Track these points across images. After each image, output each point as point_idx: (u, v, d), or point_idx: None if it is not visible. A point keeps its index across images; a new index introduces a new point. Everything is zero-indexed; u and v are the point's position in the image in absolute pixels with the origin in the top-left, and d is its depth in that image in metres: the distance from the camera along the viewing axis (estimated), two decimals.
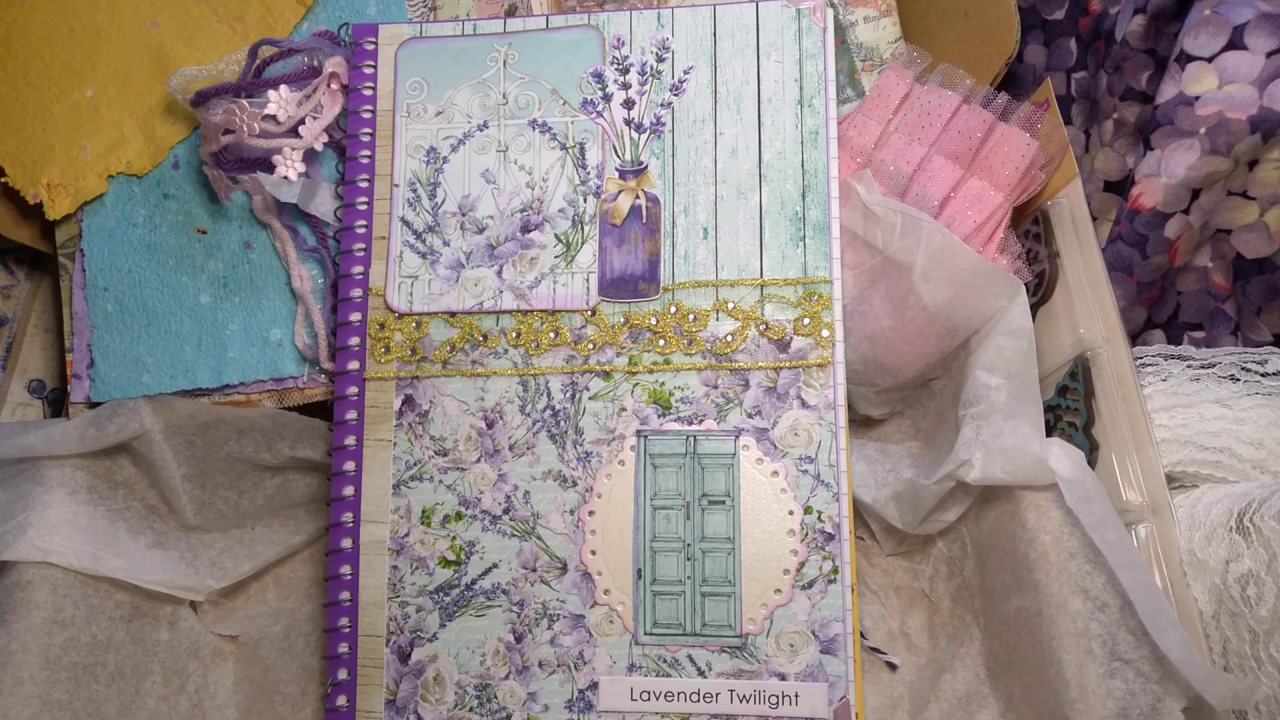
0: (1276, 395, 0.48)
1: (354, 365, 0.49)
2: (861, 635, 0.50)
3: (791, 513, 0.46)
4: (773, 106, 0.49)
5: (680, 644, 0.46)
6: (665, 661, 0.46)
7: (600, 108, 0.50)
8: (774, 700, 0.45)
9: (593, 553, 0.47)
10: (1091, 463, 0.47)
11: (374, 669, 0.47)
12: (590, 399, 0.48)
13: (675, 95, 0.50)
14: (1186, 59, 0.50)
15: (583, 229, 0.49)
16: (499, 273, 0.49)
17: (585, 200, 0.50)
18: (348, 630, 0.47)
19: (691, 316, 0.48)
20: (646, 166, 0.50)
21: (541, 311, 0.49)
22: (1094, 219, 0.52)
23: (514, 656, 0.47)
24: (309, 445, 0.52)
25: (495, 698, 0.46)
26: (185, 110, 0.52)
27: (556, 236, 0.49)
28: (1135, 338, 0.56)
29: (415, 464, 0.48)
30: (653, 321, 0.48)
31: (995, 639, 0.48)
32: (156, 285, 0.53)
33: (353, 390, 0.49)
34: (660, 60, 0.50)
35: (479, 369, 0.49)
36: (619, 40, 0.51)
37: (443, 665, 0.47)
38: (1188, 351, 0.50)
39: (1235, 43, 0.49)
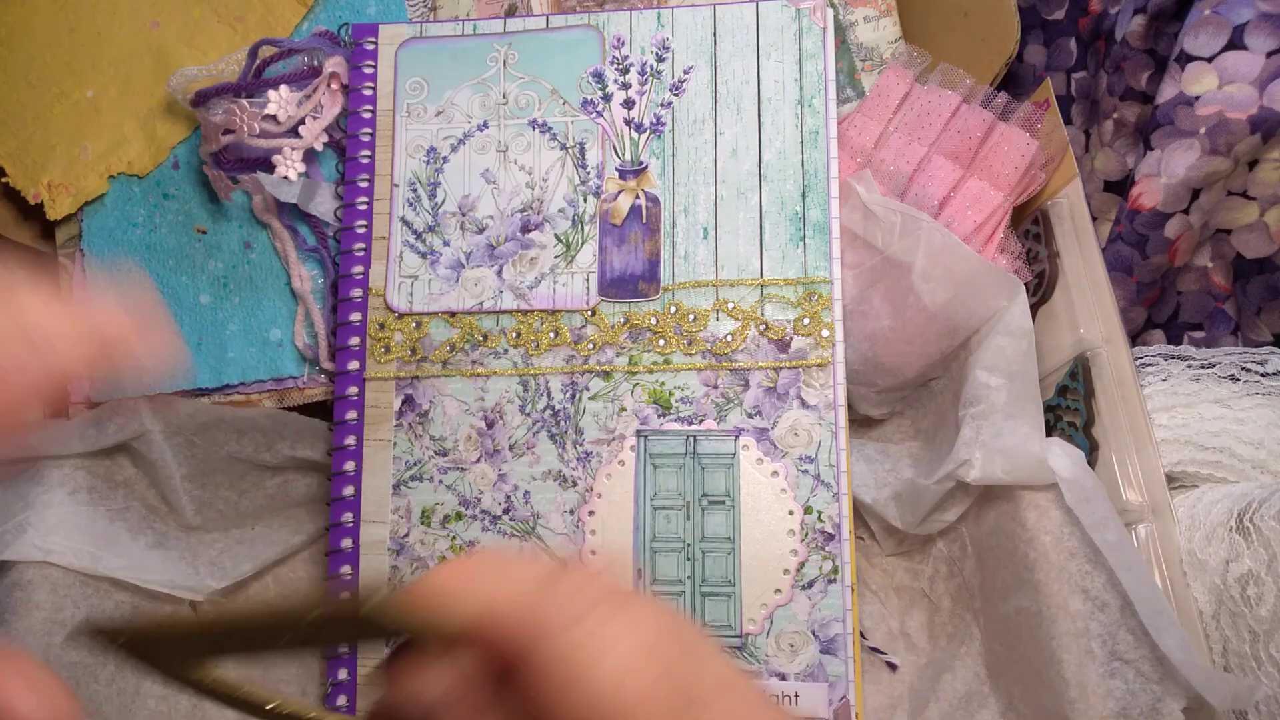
0: (1276, 395, 0.48)
1: (354, 365, 0.49)
2: (861, 635, 0.50)
3: (791, 513, 0.46)
4: (773, 106, 0.49)
5: None
6: None
7: (600, 108, 0.50)
8: (774, 700, 0.45)
9: (593, 553, 0.47)
10: (1091, 463, 0.47)
11: (374, 669, 0.47)
12: (590, 399, 0.48)
13: (675, 95, 0.50)
14: (1186, 59, 0.50)
15: (583, 229, 0.49)
16: (499, 273, 0.49)
17: (585, 200, 0.50)
18: None
19: (691, 316, 0.48)
20: (646, 166, 0.50)
21: (541, 311, 0.49)
22: (1094, 219, 0.52)
23: None
24: (309, 445, 0.52)
25: None
26: (186, 110, 0.52)
27: (556, 236, 0.49)
28: (1135, 338, 0.56)
29: (415, 464, 0.48)
30: (653, 321, 0.48)
31: (995, 639, 0.48)
32: (156, 285, 0.53)
33: (353, 390, 0.49)
34: (660, 60, 0.50)
35: (479, 369, 0.49)
36: (619, 40, 0.51)
37: None
38: (1188, 351, 0.50)
39: (1235, 43, 0.49)
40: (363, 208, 0.51)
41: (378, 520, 0.48)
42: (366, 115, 0.51)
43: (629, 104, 0.50)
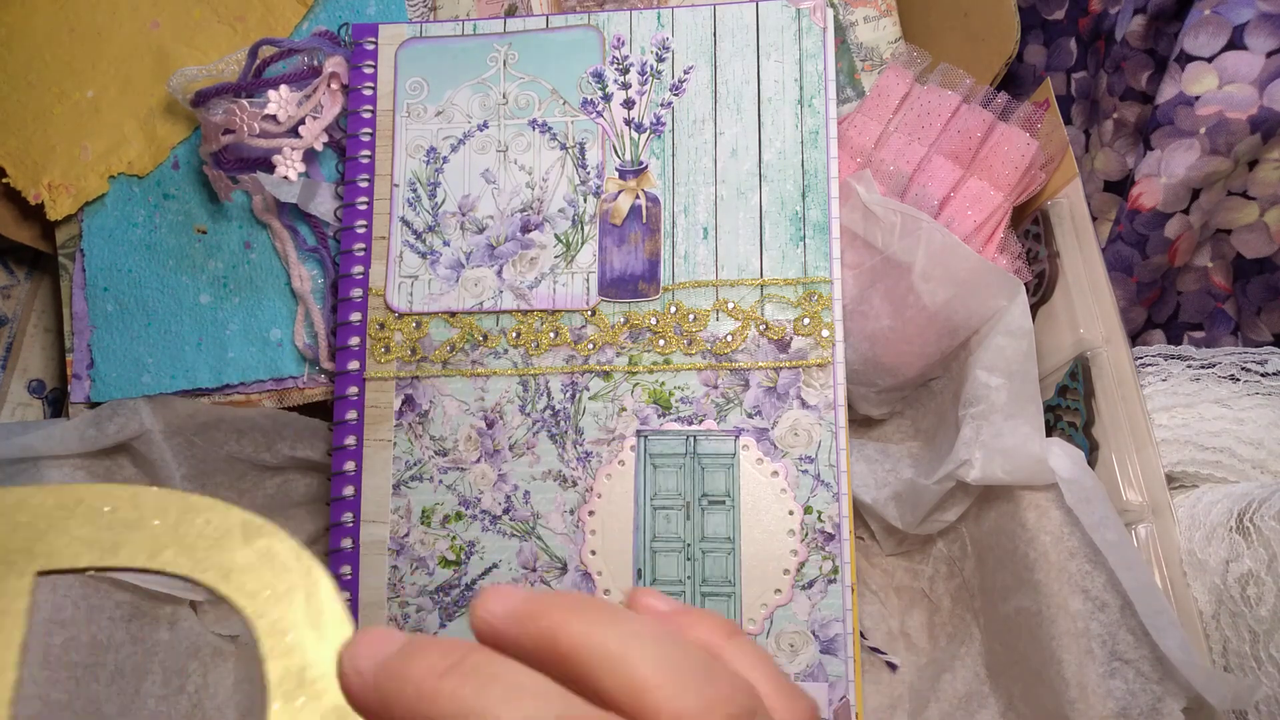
0: (1276, 395, 0.48)
1: (354, 365, 0.49)
2: (861, 635, 0.50)
3: (791, 513, 0.46)
4: (773, 106, 0.49)
5: None
6: None
7: (600, 108, 0.50)
8: None
9: (593, 553, 0.47)
10: (1091, 463, 0.47)
11: None
12: (590, 399, 0.48)
13: (675, 95, 0.50)
14: (1186, 59, 0.50)
15: (583, 229, 0.49)
16: (499, 273, 0.49)
17: (585, 200, 0.50)
18: None
19: (691, 316, 0.48)
20: (646, 166, 0.50)
21: (541, 311, 0.49)
22: (1094, 219, 0.52)
23: None
24: (309, 445, 0.52)
25: None
26: (186, 110, 0.52)
27: (556, 236, 0.49)
28: (1135, 338, 0.56)
29: (415, 464, 0.48)
30: (653, 321, 0.48)
31: (995, 639, 0.48)
32: (156, 285, 0.53)
33: (353, 390, 0.49)
34: (660, 60, 0.50)
35: (479, 369, 0.49)
36: (619, 40, 0.51)
37: None
38: (1188, 351, 0.50)
39: (1235, 43, 0.49)
40: (363, 208, 0.51)
41: (378, 520, 0.48)
42: (366, 115, 0.51)
43: (629, 104, 0.50)
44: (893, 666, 0.51)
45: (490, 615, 0.22)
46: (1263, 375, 0.48)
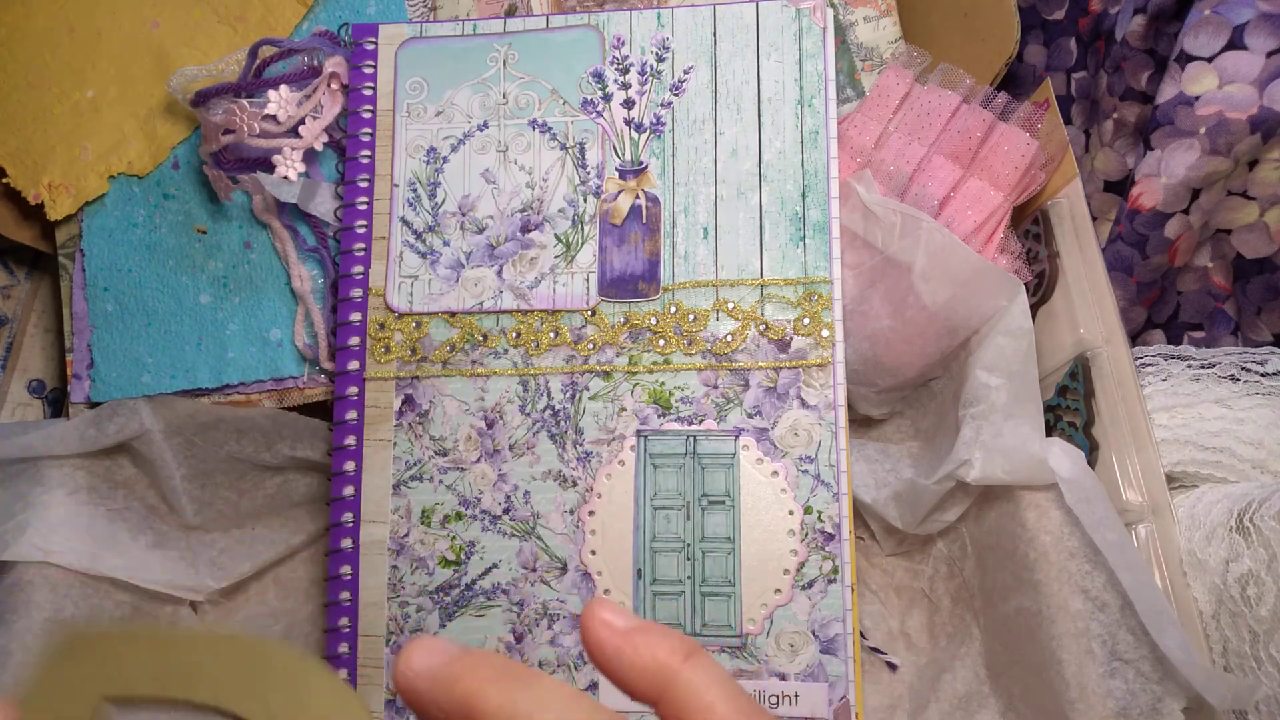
0: (1276, 395, 0.48)
1: (354, 365, 0.49)
2: (861, 635, 0.50)
3: (791, 513, 0.46)
4: (773, 106, 0.49)
5: None
6: None
7: (600, 108, 0.50)
8: (774, 700, 0.45)
9: (593, 553, 0.47)
10: (1091, 463, 0.47)
11: (374, 669, 0.47)
12: (590, 399, 0.48)
13: (675, 95, 0.50)
14: (1186, 59, 0.50)
15: (583, 229, 0.49)
16: (499, 273, 0.49)
17: (585, 200, 0.50)
18: (348, 630, 0.48)
19: (691, 316, 0.48)
20: (646, 166, 0.50)
21: (541, 311, 0.49)
22: (1094, 219, 0.52)
23: (514, 656, 0.47)
24: (309, 445, 0.52)
25: None
26: (186, 110, 0.52)
27: (556, 236, 0.49)
28: (1135, 338, 0.56)
29: (415, 464, 0.48)
30: (653, 321, 0.48)
31: (995, 639, 0.48)
32: (156, 285, 0.53)
33: (353, 390, 0.49)
34: (660, 60, 0.50)
35: (479, 369, 0.49)
36: (619, 40, 0.51)
37: None
38: (1188, 351, 0.50)
39: (1235, 43, 0.49)
40: (363, 208, 0.51)
41: (378, 520, 0.48)
42: (366, 115, 0.51)
43: (629, 104, 0.50)
44: (893, 666, 0.51)
45: (411, 673, 0.22)
46: (1263, 375, 0.48)
